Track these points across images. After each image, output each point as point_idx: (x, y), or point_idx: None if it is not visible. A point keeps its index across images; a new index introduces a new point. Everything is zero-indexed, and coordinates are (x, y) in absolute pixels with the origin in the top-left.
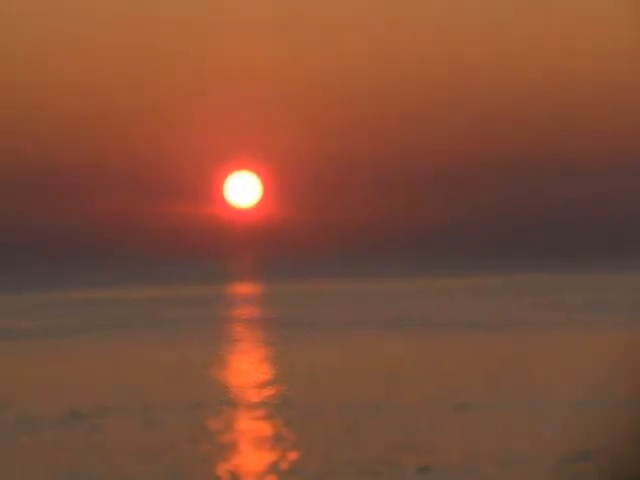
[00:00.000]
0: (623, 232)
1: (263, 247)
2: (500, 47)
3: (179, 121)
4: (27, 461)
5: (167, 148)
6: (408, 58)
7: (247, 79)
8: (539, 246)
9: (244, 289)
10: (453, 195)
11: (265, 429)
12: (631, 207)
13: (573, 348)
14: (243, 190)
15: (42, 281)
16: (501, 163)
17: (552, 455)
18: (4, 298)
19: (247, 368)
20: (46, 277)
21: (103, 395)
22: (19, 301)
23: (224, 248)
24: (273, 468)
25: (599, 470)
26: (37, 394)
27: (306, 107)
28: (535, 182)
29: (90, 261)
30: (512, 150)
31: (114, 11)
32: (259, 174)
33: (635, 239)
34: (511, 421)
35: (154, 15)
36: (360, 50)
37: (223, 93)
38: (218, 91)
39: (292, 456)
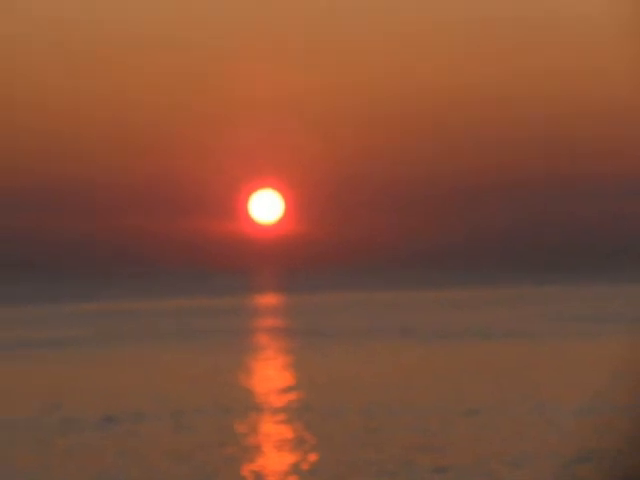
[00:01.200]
0: (625, 246)
1: (285, 261)
2: (514, 72)
3: (207, 143)
4: (65, 463)
5: (195, 168)
6: (423, 83)
7: (271, 103)
8: (545, 259)
9: (267, 300)
10: (464, 212)
11: (287, 432)
12: (633, 223)
13: (577, 357)
14: (266, 207)
15: (74, 293)
16: (508, 182)
17: (557, 457)
18: (39, 309)
19: (271, 375)
20: (77, 289)
21: (136, 401)
22: (52, 311)
23: (248, 262)
24: (295, 469)
25: (601, 472)
26: (74, 400)
27: (326, 129)
28: (541, 199)
29: (120, 274)
30: (520, 170)
31: (147, 37)
32: (281, 192)
33: (636, 253)
34: (519, 425)
35: (187, 43)
36: (378, 74)
37: (248, 116)
38: (244, 115)
39: (312, 457)
